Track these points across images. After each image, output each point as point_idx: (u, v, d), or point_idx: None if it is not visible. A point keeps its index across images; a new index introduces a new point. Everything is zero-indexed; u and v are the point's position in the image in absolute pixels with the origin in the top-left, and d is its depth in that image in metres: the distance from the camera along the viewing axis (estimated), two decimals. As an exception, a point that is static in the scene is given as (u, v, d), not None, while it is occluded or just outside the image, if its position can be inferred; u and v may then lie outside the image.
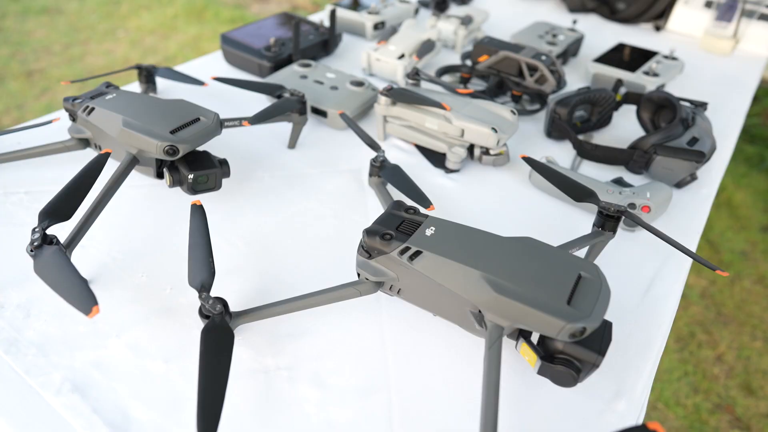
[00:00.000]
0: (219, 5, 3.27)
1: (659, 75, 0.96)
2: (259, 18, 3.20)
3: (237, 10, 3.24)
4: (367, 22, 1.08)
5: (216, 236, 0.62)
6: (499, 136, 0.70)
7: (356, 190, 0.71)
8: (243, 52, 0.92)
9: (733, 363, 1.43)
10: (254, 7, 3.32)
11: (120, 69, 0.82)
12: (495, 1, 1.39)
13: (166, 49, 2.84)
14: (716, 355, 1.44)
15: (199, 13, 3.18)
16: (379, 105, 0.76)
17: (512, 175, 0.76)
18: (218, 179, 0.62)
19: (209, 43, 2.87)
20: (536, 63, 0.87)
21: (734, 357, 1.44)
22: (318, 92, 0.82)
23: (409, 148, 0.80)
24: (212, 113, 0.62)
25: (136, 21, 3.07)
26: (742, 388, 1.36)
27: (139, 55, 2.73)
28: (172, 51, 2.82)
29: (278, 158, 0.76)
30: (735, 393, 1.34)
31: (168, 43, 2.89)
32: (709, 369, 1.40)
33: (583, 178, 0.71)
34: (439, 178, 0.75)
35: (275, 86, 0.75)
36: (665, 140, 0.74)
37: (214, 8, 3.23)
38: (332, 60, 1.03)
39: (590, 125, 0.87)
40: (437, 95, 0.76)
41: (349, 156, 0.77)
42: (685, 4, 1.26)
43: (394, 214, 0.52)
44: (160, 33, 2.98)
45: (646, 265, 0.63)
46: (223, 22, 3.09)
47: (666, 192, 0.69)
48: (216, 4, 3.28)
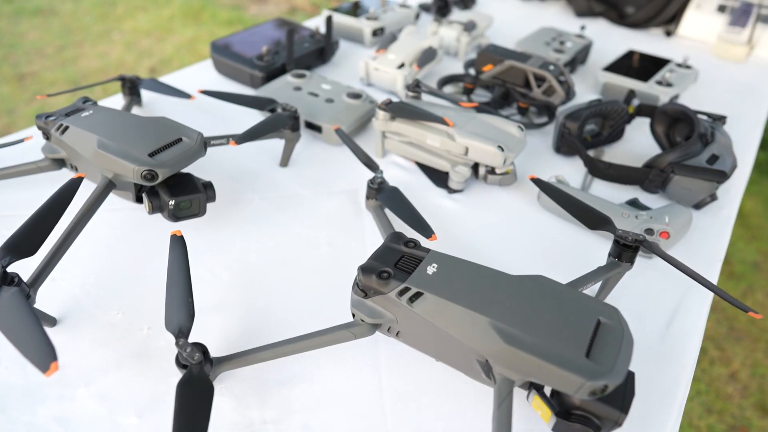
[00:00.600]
0: (216, 6, 3.22)
1: (673, 85, 0.91)
2: (257, 20, 3.16)
3: (234, 12, 3.19)
4: (366, 28, 1.03)
5: (199, 267, 0.57)
6: (506, 155, 0.65)
7: (352, 214, 0.66)
8: (234, 61, 0.87)
9: (747, 381, 1.38)
10: (252, 9, 3.27)
11: (102, 81, 0.77)
12: (498, 5, 1.34)
13: (162, 51, 2.79)
14: (729, 373, 1.39)
15: (195, 15, 3.13)
16: (377, 120, 0.71)
17: (520, 195, 0.71)
18: (202, 204, 0.57)
19: (206, 46, 2.82)
20: (544, 73, 0.82)
21: (748, 375, 1.39)
22: (312, 105, 0.78)
23: (410, 165, 0.75)
24: (195, 133, 0.57)
25: (132, 22, 3.02)
26: (757, 408, 1.31)
27: (134, 58, 2.68)
28: (167, 53, 2.77)
29: (269, 177, 0.71)
30: (750, 413, 1.29)
31: (164, 45, 2.84)
32: (722, 388, 1.35)
33: (595, 200, 0.66)
34: (441, 199, 0.70)
35: (266, 100, 0.70)
36: (683, 158, 0.69)
37: (211, 9, 3.18)
38: (329, 68, 0.98)
39: (601, 139, 0.82)
40: (439, 109, 0.72)
41: (345, 174, 0.72)
42: (697, 8, 1.21)
43: (393, 248, 0.48)
44: (156, 35, 2.93)
45: (665, 297, 0.59)
46: (220, 24, 3.04)
47: (685, 216, 0.64)
48: (213, 5, 3.23)
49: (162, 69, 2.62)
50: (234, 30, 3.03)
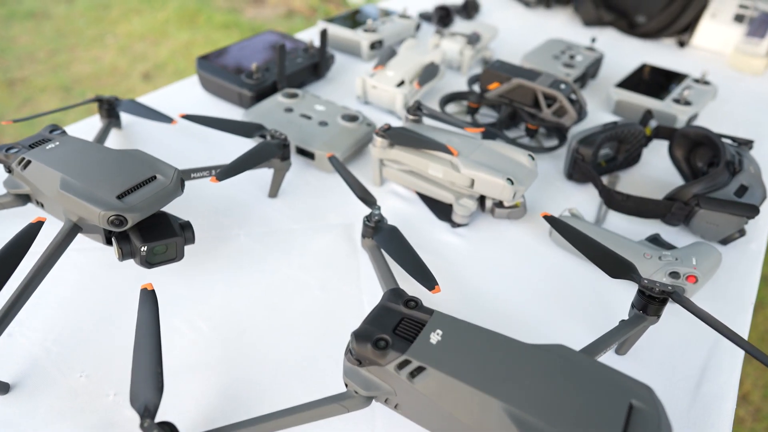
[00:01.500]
0: (212, 9, 3.16)
1: (691, 103, 0.85)
2: (253, 23, 3.10)
3: (231, 15, 3.12)
4: (363, 41, 0.97)
5: (176, 317, 0.51)
6: (516, 189, 0.60)
7: (347, 252, 0.60)
8: (221, 78, 0.81)
9: (759, 403, 1.32)
10: (249, 12, 3.21)
11: (78, 103, 0.71)
12: (503, 13, 1.28)
13: (157, 55, 2.73)
14: (741, 395, 1.34)
15: (191, 18, 3.07)
16: (375, 147, 0.65)
17: (530, 229, 0.65)
18: (179, 248, 0.51)
19: (201, 50, 2.76)
20: (555, 93, 0.76)
21: (761, 397, 1.33)
22: (304, 129, 0.72)
23: (410, 195, 0.69)
24: (171, 170, 0.51)
25: (126, 26, 2.96)
26: (771, 434, 1.25)
27: (127, 63, 2.62)
28: (162, 58, 2.71)
29: (257, 210, 0.65)
30: (764, 440, 1.24)
31: (159, 49, 2.78)
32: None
33: (612, 237, 0.60)
34: (444, 234, 0.64)
35: (253, 126, 0.64)
36: (709, 190, 0.63)
37: (207, 13, 3.12)
38: (324, 84, 0.92)
39: (616, 164, 0.76)
40: (442, 135, 0.66)
41: (339, 206, 0.66)
42: (712, 18, 1.16)
43: (391, 309, 0.42)
44: (151, 39, 2.87)
45: (692, 351, 0.53)
46: (216, 28, 2.98)
47: (714, 256, 0.58)
48: (209, 9, 3.17)
49: (156, 74, 2.57)
50: (230, 34, 2.97)
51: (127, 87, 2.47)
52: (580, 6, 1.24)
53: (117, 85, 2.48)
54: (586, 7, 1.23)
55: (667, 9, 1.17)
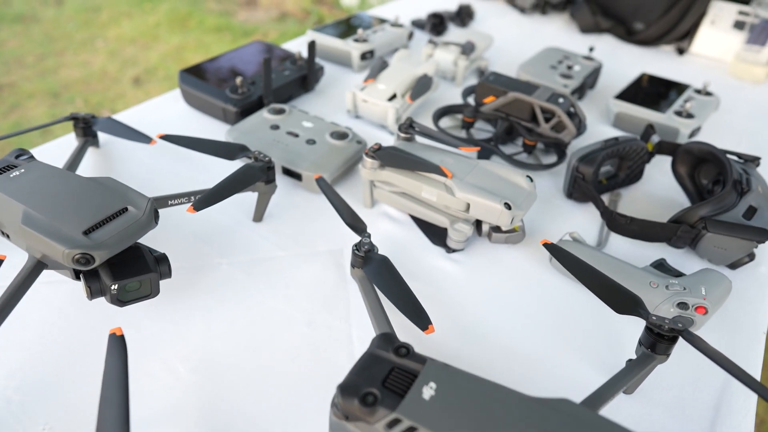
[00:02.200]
0: (204, 13, 3.12)
1: (694, 116, 0.82)
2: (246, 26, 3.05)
3: (222, 18, 3.08)
4: (354, 51, 0.94)
5: (151, 359, 0.48)
6: (514, 214, 0.56)
7: (336, 282, 0.57)
8: (205, 93, 0.78)
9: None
10: (241, 15, 3.17)
11: (52, 122, 0.68)
12: (498, 20, 1.25)
13: (147, 59, 2.68)
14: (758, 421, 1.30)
15: (182, 21, 3.03)
16: (365, 168, 0.62)
17: (529, 253, 0.62)
18: (154, 284, 0.48)
19: (193, 54, 2.72)
20: (553, 107, 0.73)
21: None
22: (291, 148, 0.68)
23: (402, 217, 0.66)
24: (144, 200, 0.48)
25: (116, 30, 2.92)
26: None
27: (117, 67, 2.58)
28: (153, 62, 2.67)
29: (240, 236, 0.61)
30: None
31: (149, 53, 2.74)
32: None
33: (615, 264, 0.57)
34: (439, 259, 0.61)
35: (236, 147, 0.61)
36: (717, 212, 0.60)
37: (198, 16, 3.08)
38: (313, 97, 0.89)
39: (618, 182, 0.73)
40: (436, 154, 0.62)
41: (328, 229, 0.63)
42: (712, 24, 1.13)
43: (380, 358, 0.38)
44: (142, 42, 2.83)
45: (703, 389, 0.50)
46: (207, 31, 2.94)
47: (724, 285, 0.55)
48: (200, 12, 3.12)
49: (147, 79, 2.52)
50: (222, 37, 2.92)
51: (117, 92, 2.43)
52: (577, 13, 1.21)
53: (107, 90, 2.44)
54: (583, 14, 1.20)
55: (665, 16, 1.14)
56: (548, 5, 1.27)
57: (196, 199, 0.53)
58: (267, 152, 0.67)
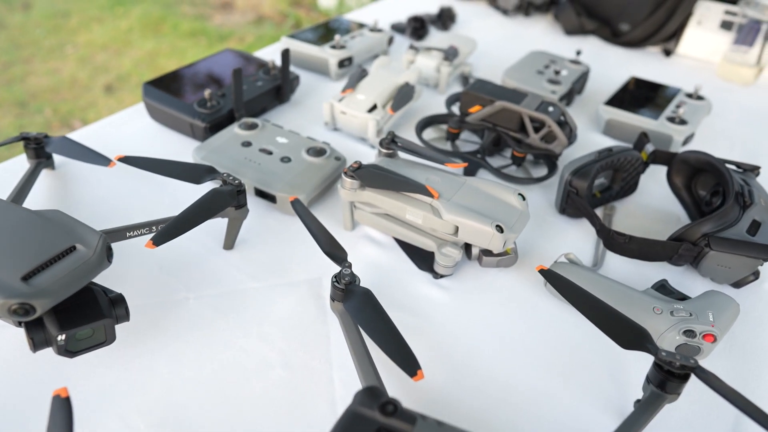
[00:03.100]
0: (178, 17, 3.04)
1: (687, 122, 0.79)
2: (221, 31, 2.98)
3: (198, 22, 3.01)
4: (331, 59, 0.89)
5: (106, 414, 0.42)
6: (506, 237, 0.52)
7: (315, 316, 0.52)
8: (170, 107, 0.72)
9: None
10: (217, 18, 3.09)
11: (2, 142, 0.62)
12: (480, 22, 1.21)
13: (119, 66, 2.60)
14: None
15: (155, 26, 2.95)
16: (344, 189, 0.57)
17: (523, 276, 0.58)
18: (109, 330, 0.42)
19: (167, 60, 2.64)
20: (543, 117, 0.69)
21: None
22: (264, 167, 0.63)
23: (386, 239, 0.61)
24: (95, 237, 0.43)
25: (87, 35, 2.83)
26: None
27: (88, 74, 2.49)
28: (125, 68, 2.58)
29: (209, 266, 0.56)
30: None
31: (122, 59, 2.66)
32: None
33: (615, 288, 0.53)
34: (426, 286, 0.56)
35: (202, 170, 0.56)
36: (719, 228, 0.56)
37: (172, 20, 3.00)
38: (288, 109, 0.84)
39: (612, 194, 0.69)
40: (420, 171, 0.58)
41: (306, 256, 0.58)
42: (698, 25, 1.10)
43: (363, 417, 0.34)
44: (113, 48, 2.74)
45: (714, 424, 0.46)
46: (182, 36, 2.87)
47: (732, 308, 0.51)
48: (174, 16, 3.04)
49: (119, 86, 2.44)
50: (197, 42, 2.85)
51: (88, 100, 2.35)
52: (561, 14, 1.18)
53: (77, 98, 2.35)
54: (567, 16, 1.16)
55: (651, 16, 1.11)
56: (531, 6, 1.24)
57: (156, 231, 0.47)
58: (238, 172, 0.62)
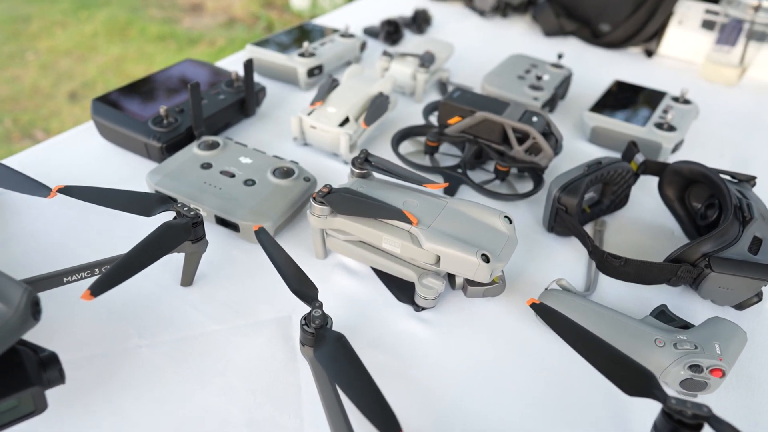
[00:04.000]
0: (145, 20, 2.94)
1: (676, 128, 0.75)
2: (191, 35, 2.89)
3: (166, 26, 2.91)
4: (300, 67, 0.83)
5: (39, 497, 0.36)
6: (493, 267, 0.47)
7: (284, 361, 0.47)
8: (123, 126, 0.66)
9: None
10: (186, 21, 3.00)
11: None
12: (457, 26, 1.17)
13: (84, 73, 2.50)
14: None
15: (122, 30, 2.85)
16: (313, 216, 0.52)
17: (512, 305, 0.53)
18: (39, 399, 0.37)
19: (134, 65, 2.55)
20: (527, 128, 0.64)
21: None
22: (226, 192, 0.57)
23: (362, 268, 0.56)
24: (18, 291, 0.36)
25: (49, 41, 2.71)
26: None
27: (51, 82, 2.39)
28: (90, 75, 2.48)
29: (165, 307, 0.50)
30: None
31: (86, 66, 2.55)
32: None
33: (612, 318, 0.49)
34: (406, 320, 0.51)
35: (153, 200, 0.50)
36: (720, 248, 0.52)
37: (139, 24, 2.90)
38: (254, 123, 0.78)
39: (602, 208, 0.65)
40: (397, 193, 0.53)
41: (274, 290, 0.53)
42: (680, 24, 1.07)
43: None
44: (77, 54, 2.63)
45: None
46: (150, 40, 2.77)
47: (738, 337, 0.47)
48: (142, 20, 2.94)
49: (84, 93, 2.34)
50: (166, 46, 2.76)
51: (51, 109, 2.25)
52: (540, 15, 1.14)
53: (39, 107, 2.25)
54: (546, 16, 1.12)
55: (632, 16, 1.07)
56: (509, 7, 1.20)
57: (98, 276, 0.41)
58: (197, 198, 0.56)
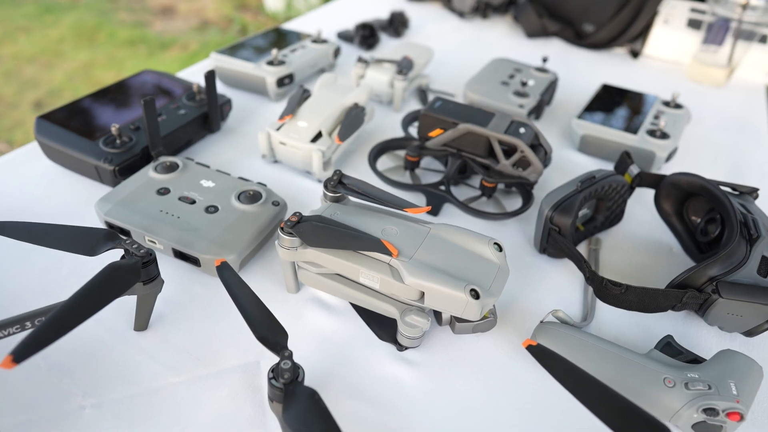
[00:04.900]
0: (114, 25, 2.84)
1: (669, 136, 0.71)
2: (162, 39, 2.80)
3: (136, 29, 2.82)
4: (268, 77, 0.77)
5: None
6: (484, 303, 0.42)
7: (252, 420, 0.41)
8: (71, 147, 0.59)
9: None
10: (157, 25, 2.91)
11: None
12: (436, 28, 1.12)
13: (51, 80, 2.40)
14: None
15: (90, 35, 2.75)
16: (282, 248, 0.46)
17: (505, 339, 0.48)
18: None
19: (103, 72, 2.46)
20: (515, 141, 0.60)
21: None
22: (185, 221, 0.52)
23: (338, 302, 0.51)
24: None
25: (11, 47, 2.61)
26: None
27: (14, 90, 2.29)
28: (57, 83, 2.39)
29: (115, 357, 0.44)
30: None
31: (53, 72, 2.45)
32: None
33: (616, 355, 0.44)
34: (388, 361, 0.46)
35: (97, 236, 0.44)
36: (728, 271, 0.48)
37: (108, 28, 2.80)
38: (220, 139, 0.72)
39: (596, 225, 0.61)
40: (375, 219, 0.48)
41: (240, 332, 0.47)
42: (665, 24, 1.04)
43: None
44: (43, 60, 2.53)
45: None
46: (120, 45, 2.68)
47: (754, 373, 0.43)
48: (110, 24, 2.84)
49: (51, 102, 2.25)
50: (137, 51, 2.67)
51: (14, 119, 2.15)
52: (522, 16, 1.09)
53: (2, 117, 2.15)
54: (528, 17, 1.08)
55: (616, 16, 1.04)
56: (489, 8, 1.15)
57: (23, 338, 0.35)
58: (152, 230, 0.50)
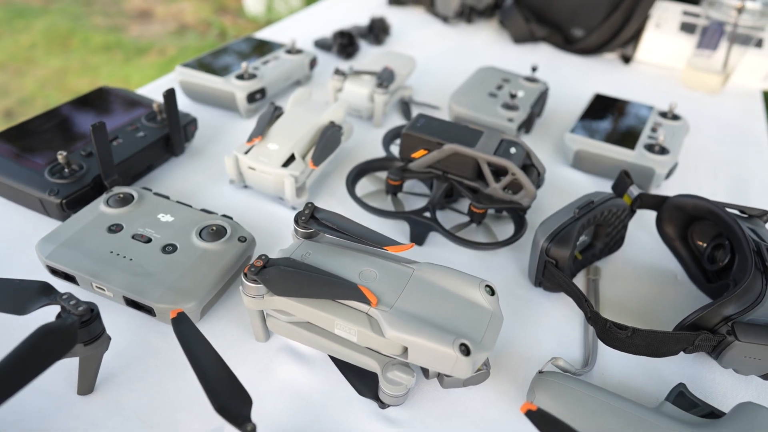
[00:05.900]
0: (88, 29, 2.76)
1: (668, 151, 0.67)
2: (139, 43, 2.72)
3: (111, 34, 2.73)
4: (238, 92, 0.71)
5: None
6: (475, 359, 0.37)
7: (207, 504, 0.36)
8: (11, 177, 0.53)
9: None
10: (134, 29, 2.83)
11: None
12: (419, 34, 1.07)
13: (22, 88, 2.31)
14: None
15: (63, 41, 2.66)
16: (248, 297, 0.41)
17: (499, 394, 0.43)
18: None
19: (78, 79, 2.38)
20: (505, 163, 0.55)
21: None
22: (138, 263, 0.46)
23: (312, 352, 0.45)
24: None
25: (-19, 55, 2.51)
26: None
27: (-17, 100, 2.20)
28: (29, 90, 2.30)
29: (53, 427, 0.39)
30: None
31: (24, 80, 2.37)
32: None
33: (627, 412, 0.39)
34: (369, 421, 0.41)
35: (30, 290, 0.38)
36: (743, 309, 0.43)
37: (82, 33, 2.71)
38: (185, 163, 0.66)
39: (594, 253, 0.56)
40: (352, 260, 0.42)
41: (202, 397, 0.41)
42: (657, 28, 0.99)
43: None
44: (13, 68, 2.44)
45: None
46: (94, 51, 2.59)
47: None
48: (84, 29, 2.76)
49: (22, 111, 2.16)
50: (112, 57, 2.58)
51: (-17, 130, 2.06)
52: (508, 20, 1.04)
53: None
54: (515, 22, 1.03)
55: (607, 20, 0.99)
56: (474, 12, 1.10)
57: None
58: (100, 275, 0.44)
